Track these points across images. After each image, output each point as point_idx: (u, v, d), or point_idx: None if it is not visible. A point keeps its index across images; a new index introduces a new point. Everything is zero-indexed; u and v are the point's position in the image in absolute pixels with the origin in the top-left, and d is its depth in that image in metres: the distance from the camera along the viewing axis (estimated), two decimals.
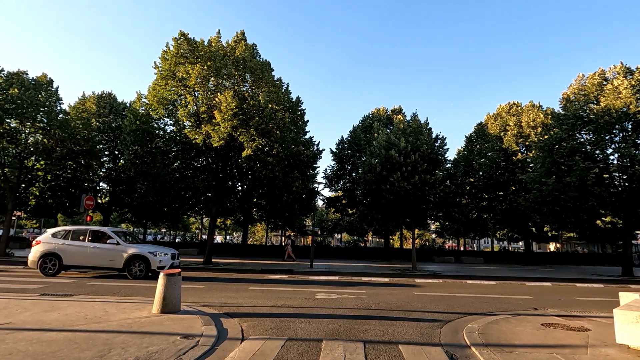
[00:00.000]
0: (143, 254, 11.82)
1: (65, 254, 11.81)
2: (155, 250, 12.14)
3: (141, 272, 11.70)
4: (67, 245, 11.95)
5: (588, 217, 19.38)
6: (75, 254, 11.87)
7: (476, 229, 33.36)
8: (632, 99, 17.57)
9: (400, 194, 17.74)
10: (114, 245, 11.94)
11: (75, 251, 11.89)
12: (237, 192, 26.16)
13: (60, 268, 11.77)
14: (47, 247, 11.91)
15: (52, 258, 11.78)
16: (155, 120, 18.72)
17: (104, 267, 11.88)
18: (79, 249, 11.94)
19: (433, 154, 19.38)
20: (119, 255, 11.79)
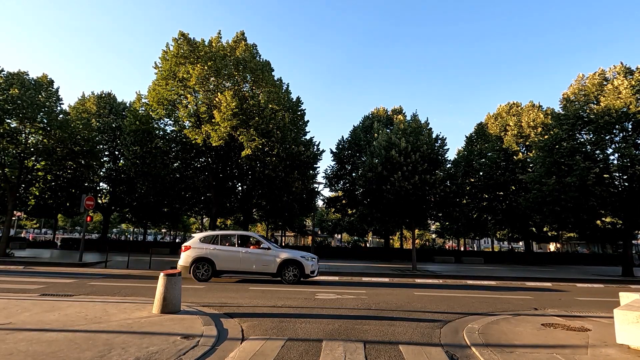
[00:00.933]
0: (296, 258, 11.65)
1: (218, 259, 11.60)
2: (306, 255, 11.98)
3: (295, 277, 11.54)
4: (219, 250, 11.74)
5: (588, 217, 19.38)
6: (228, 259, 11.67)
7: (476, 229, 33.36)
8: (632, 99, 17.57)
9: (400, 194, 17.74)
10: (264, 250, 11.82)
11: (228, 256, 11.69)
12: (237, 192, 26.16)
13: (212, 273, 11.55)
14: (198, 252, 11.63)
15: (204, 263, 11.56)
16: (155, 120, 18.74)
17: (256, 272, 11.74)
18: (231, 254, 11.74)
19: (433, 154, 19.38)
20: (272, 260, 11.64)
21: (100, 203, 30.18)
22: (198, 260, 11.56)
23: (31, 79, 19.85)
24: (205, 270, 11.52)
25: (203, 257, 11.58)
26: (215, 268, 11.54)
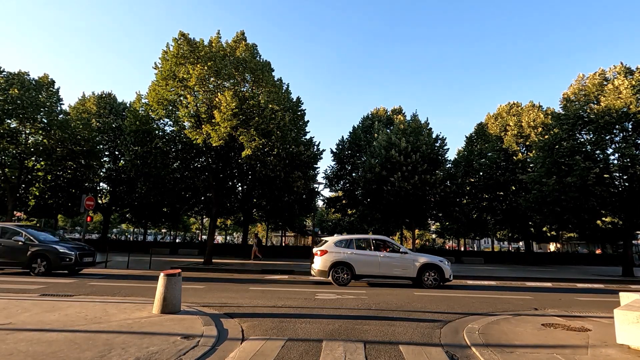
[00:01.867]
0: (435, 262, 11.59)
1: (357, 264, 11.52)
2: (442, 259, 11.90)
3: (435, 282, 11.44)
4: (357, 254, 11.66)
5: (588, 217, 19.38)
6: (367, 264, 11.59)
7: (476, 229, 33.35)
8: (633, 99, 17.57)
9: (400, 194, 17.77)
10: (402, 254, 11.78)
11: (366, 260, 11.62)
12: (238, 193, 26.17)
13: (352, 277, 11.49)
14: (336, 256, 11.57)
15: (343, 267, 11.49)
16: (155, 120, 18.73)
17: (396, 276, 11.71)
18: (370, 258, 11.67)
19: (433, 154, 19.42)
20: (411, 264, 11.58)
21: (101, 203, 30.19)
22: (337, 264, 11.51)
23: (32, 79, 19.87)
24: (345, 275, 11.48)
25: (342, 261, 11.53)
26: (354, 272, 11.49)
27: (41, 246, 11.86)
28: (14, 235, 12.05)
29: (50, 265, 11.67)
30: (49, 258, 11.64)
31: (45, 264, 11.64)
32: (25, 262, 11.64)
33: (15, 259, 11.71)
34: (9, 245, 11.83)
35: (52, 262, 11.64)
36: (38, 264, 11.64)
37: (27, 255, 11.63)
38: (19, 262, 11.70)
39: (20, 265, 11.74)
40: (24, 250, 11.71)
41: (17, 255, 11.68)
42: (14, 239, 11.87)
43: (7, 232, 12.19)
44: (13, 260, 11.73)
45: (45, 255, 11.68)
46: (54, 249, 11.85)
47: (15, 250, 11.73)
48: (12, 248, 11.76)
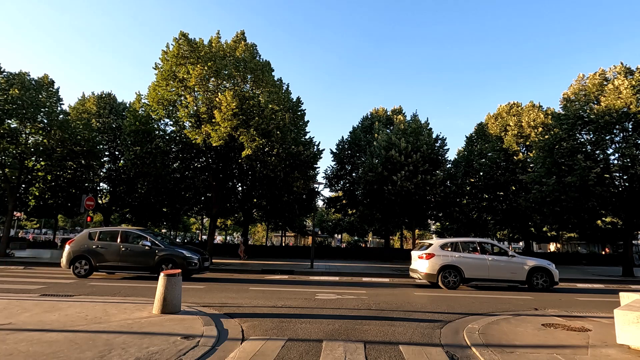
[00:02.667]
0: (544, 265, 11.65)
1: (466, 267, 11.52)
2: (550, 262, 11.92)
3: (544, 284, 11.51)
4: (465, 258, 11.65)
5: (589, 218, 19.38)
6: (476, 267, 11.58)
7: (476, 229, 33.32)
8: (633, 99, 17.57)
9: (401, 194, 17.77)
10: (509, 257, 11.80)
11: (475, 264, 11.61)
12: (238, 193, 26.16)
13: (461, 281, 11.49)
14: (444, 260, 11.55)
15: (451, 271, 11.47)
16: (155, 120, 18.74)
17: (504, 280, 11.71)
18: (478, 261, 11.65)
19: (433, 154, 19.42)
20: (520, 267, 11.61)
21: (101, 203, 30.19)
22: (445, 268, 11.48)
23: (32, 80, 19.88)
24: (454, 278, 11.45)
25: (450, 264, 11.50)
26: (463, 276, 11.49)
27: (168, 251, 11.77)
28: (140, 239, 12.03)
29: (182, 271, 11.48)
30: (176, 262, 11.54)
31: (172, 267, 11.46)
32: (152, 266, 11.57)
33: (143, 263, 11.67)
34: (137, 250, 11.79)
35: (179, 267, 11.38)
36: (165, 268, 11.45)
37: (155, 260, 11.57)
38: (146, 266, 11.66)
39: (147, 270, 11.68)
40: (152, 254, 11.64)
41: (145, 260, 11.65)
42: (141, 244, 11.83)
43: (133, 237, 12.20)
44: (141, 264, 11.70)
45: (172, 260, 11.59)
46: (181, 253, 11.77)
47: (142, 255, 11.69)
48: (140, 253, 11.72)
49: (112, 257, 11.73)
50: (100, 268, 11.75)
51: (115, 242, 11.98)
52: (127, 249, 11.80)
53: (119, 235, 12.15)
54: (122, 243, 11.92)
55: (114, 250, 11.80)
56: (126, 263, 11.72)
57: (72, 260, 11.69)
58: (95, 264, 11.64)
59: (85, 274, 11.61)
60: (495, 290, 11.86)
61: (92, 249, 11.77)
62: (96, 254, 11.71)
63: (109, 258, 11.72)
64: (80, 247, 11.83)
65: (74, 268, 11.66)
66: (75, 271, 11.64)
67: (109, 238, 12.19)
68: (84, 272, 11.62)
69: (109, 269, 11.87)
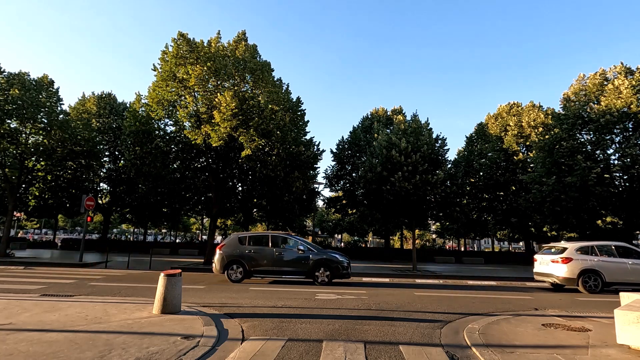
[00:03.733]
0: None
1: (606, 271, 11.42)
2: None
3: None
4: (604, 262, 11.55)
5: (589, 218, 19.36)
6: (616, 271, 11.50)
7: (477, 229, 33.34)
8: (633, 98, 17.57)
9: (400, 194, 17.73)
10: None
11: (615, 268, 11.53)
12: (238, 193, 26.15)
13: (602, 285, 11.33)
14: (584, 264, 11.47)
15: (592, 275, 11.40)
16: (155, 121, 18.73)
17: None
18: (619, 265, 11.57)
19: (434, 154, 19.36)
20: None
21: (101, 203, 30.19)
22: (585, 272, 11.39)
23: (32, 80, 19.88)
24: (595, 282, 11.33)
25: (590, 269, 11.39)
26: (604, 280, 11.36)
27: (321, 254, 11.79)
28: (294, 243, 12.06)
29: (332, 274, 11.54)
30: (330, 266, 11.54)
31: (328, 273, 11.53)
32: (308, 270, 11.57)
33: (298, 267, 11.66)
34: (290, 254, 11.79)
35: (333, 271, 11.52)
36: (321, 272, 11.54)
37: (310, 264, 11.56)
38: (302, 270, 11.64)
39: (302, 275, 11.67)
40: (306, 259, 11.63)
41: (300, 264, 11.64)
42: (297, 249, 11.83)
43: (282, 241, 12.20)
44: (296, 269, 11.68)
45: (327, 263, 11.58)
46: (335, 257, 11.77)
47: (297, 259, 11.70)
48: (294, 257, 11.73)
49: (266, 262, 11.69)
50: (254, 273, 11.72)
51: (267, 246, 11.93)
52: (280, 254, 11.75)
53: (269, 240, 12.09)
54: (274, 247, 11.88)
55: (267, 254, 11.75)
56: (281, 267, 11.70)
57: (226, 265, 11.60)
58: (249, 269, 11.60)
59: (240, 278, 11.54)
60: (495, 290, 11.87)
61: (246, 253, 11.70)
62: (250, 258, 11.65)
63: (262, 262, 11.68)
64: (233, 251, 11.72)
65: (229, 273, 11.58)
66: (232, 277, 11.53)
67: (260, 242, 12.14)
68: (239, 276, 11.54)
69: (263, 273, 11.83)
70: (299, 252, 11.75)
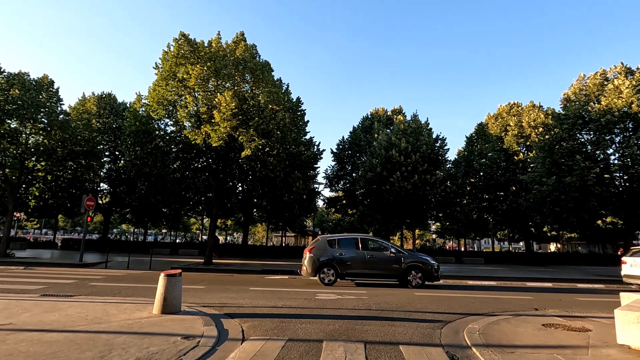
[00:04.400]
0: None
1: None
2: None
3: None
4: None
5: (589, 218, 19.36)
6: None
7: (477, 230, 33.32)
8: (634, 98, 17.56)
9: (400, 194, 17.76)
10: None
11: None
12: (238, 193, 26.17)
13: None
14: None
15: None
16: (155, 120, 18.73)
17: None
18: None
19: (433, 154, 19.40)
20: None
21: (101, 203, 30.18)
22: None
23: (32, 80, 19.88)
24: None
25: None
26: None
27: (413, 257, 11.77)
28: (385, 246, 12.04)
29: (425, 277, 11.51)
30: (422, 269, 11.50)
31: (420, 275, 11.49)
32: (400, 274, 11.54)
33: (390, 270, 11.63)
34: (382, 257, 11.74)
35: (426, 274, 11.48)
36: (413, 275, 11.50)
37: (402, 267, 11.51)
38: (394, 274, 11.63)
39: (394, 278, 11.67)
40: (398, 262, 11.58)
41: (392, 267, 11.60)
42: (390, 252, 11.80)
43: (371, 244, 12.16)
44: (388, 272, 11.66)
45: (419, 266, 11.54)
46: (427, 259, 11.75)
47: (388, 262, 11.64)
48: (386, 260, 11.68)
49: (358, 265, 11.60)
50: (346, 276, 11.64)
51: (357, 249, 11.87)
52: (372, 257, 11.70)
53: (359, 242, 12.03)
54: (365, 251, 11.81)
55: (359, 257, 11.68)
56: (373, 270, 11.66)
57: (317, 268, 11.53)
58: (341, 272, 11.51)
59: (333, 281, 11.45)
60: (495, 290, 11.86)
61: (337, 256, 11.64)
62: (342, 261, 11.58)
63: (354, 266, 11.60)
64: (324, 255, 11.65)
65: (321, 277, 11.51)
66: (325, 280, 11.44)
67: (350, 245, 12.06)
68: (332, 279, 11.46)
69: (354, 276, 11.75)
70: (390, 255, 11.71)
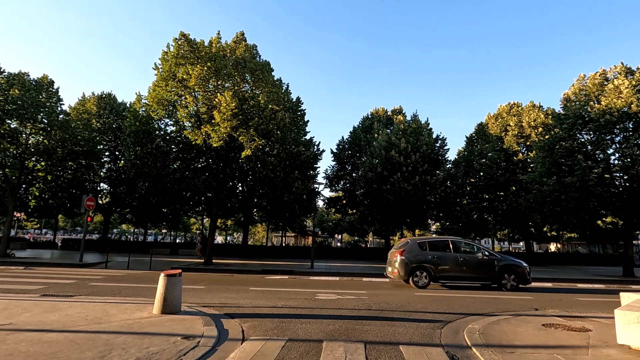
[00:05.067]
0: None
1: None
2: None
3: None
4: None
5: (589, 218, 19.35)
6: None
7: (477, 230, 33.28)
8: (634, 98, 17.56)
9: (400, 194, 17.76)
10: None
11: None
12: (238, 193, 26.16)
13: None
14: None
15: None
16: (155, 121, 18.73)
17: None
18: None
19: (433, 154, 19.40)
20: None
21: (101, 203, 30.17)
22: None
23: (32, 80, 19.89)
24: None
25: None
26: None
27: (505, 260, 11.72)
28: (476, 249, 11.98)
29: (519, 280, 11.45)
30: (516, 272, 11.43)
31: (514, 278, 11.42)
32: (494, 276, 11.50)
33: (485, 273, 11.58)
34: (475, 259, 11.67)
35: (520, 276, 11.42)
36: (507, 278, 11.45)
37: (496, 270, 11.46)
38: (488, 276, 11.57)
39: (489, 280, 11.60)
40: (491, 264, 11.54)
41: (486, 270, 11.55)
42: (480, 254, 11.75)
43: (462, 246, 12.11)
44: (482, 275, 11.62)
45: (512, 269, 11.48)
46: (520, 262, 11.67)
47: (482, 265, 11.60)
48: (479, 263, 11.63)
49: (452, 268, 11.55)
50: (440, 279, 11.61)
51: (449, 252, 11.80)
52: (465, 259, 11.62)
53: (450, 245, 11.97)
54: (456, 253, 11.75)
55: (451, 260, 11.61)
56: (466, 273, 11.59)
57: (410, 271, 11.47)
58: (434, 275, 11.48)
59: (426, 284, 11.40)
60: (495, 290, 11.86)
61: (429, 259, 11.57)
62: (435, 264, 11.52)
63: (447, 269, 11.56)
64: (416, 257, 11.59)
65: (414, 280, 11.46)
66: (418, 283, 11.39)
67: (441, 248, 12.02)
68: (425, 281, 11.41)
69: (448, 279, 11.70)
70: (483, 258, 11.65)
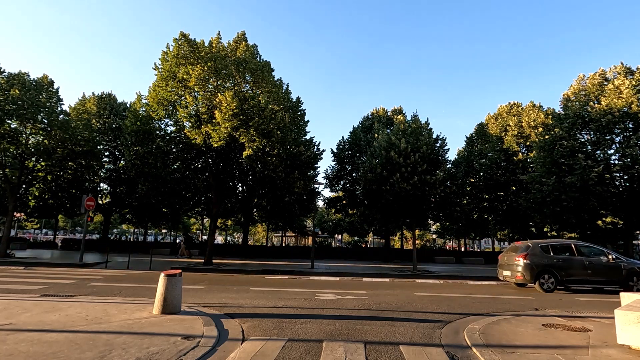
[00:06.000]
0: None
1: None
2: None
3: None
4: None
5: (589, 218, 19.36)
6: None
7: (477, 230, 33.31)
8: (634, 98, 17.56)
9: (400, 195, 17.74)
10: None
11: None
12: (238, 193, 26.16)
13: None
14: None
15: None
16: (155, 120, 18.73)
17: None
18: None
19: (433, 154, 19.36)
20: None
21: (101, 204, 30.17)
22: None
23: (32, 80, 19.88)
24: None
25: None
26: None
27: (633, 264, 11.72)
28: (601, 252, 11.90)
29: None
30: None
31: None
32: (621, 280, 11.48)
33: (611, 277, 11.55)
34: (600, 263, 11.63)
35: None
36: (634, 282, 11.46)
37: (623, 274, 11.46)
38: (615, 280, 11.55)
39: (616, 284, 11.54)
40: (618, 268, 11.53)
41: (612, 274, 11.53)
42: (604, 258, 11.70)
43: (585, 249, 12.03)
44: (609, 278, 11.58)
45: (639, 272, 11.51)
46: None
47: (608, 269, 11.57)
48: (605, 266, 11.59)
49: (578, 272, 11.53)
50: (566, 283, 11.58)
51: (574, 255, 11.78)
52: (590, 263, 11.59)
53: (573, 248, 11.95)
54: (581, 256, 11.71)
55: (577, 264, 11.58)
56: (593, 277, 11.54)
57: (537, 275, 11.45)
58: (561, 279, 11.45)
59: (552, 289, 11.35)
60: (495, 290, 11.85)
61: (554, 263, 11.54)
62: (561, 268, 11.49)
63: (574, 272, 11.53)
64: (541, 261, 11.57)
65: (541, 282, 11.44)
66: (544, 286, 11.36)
67: (564, 251, 11.99)
68: (552, 286, 11.37)
69: (574, 283, 11.66)
70: (609, 262, 11.61)
